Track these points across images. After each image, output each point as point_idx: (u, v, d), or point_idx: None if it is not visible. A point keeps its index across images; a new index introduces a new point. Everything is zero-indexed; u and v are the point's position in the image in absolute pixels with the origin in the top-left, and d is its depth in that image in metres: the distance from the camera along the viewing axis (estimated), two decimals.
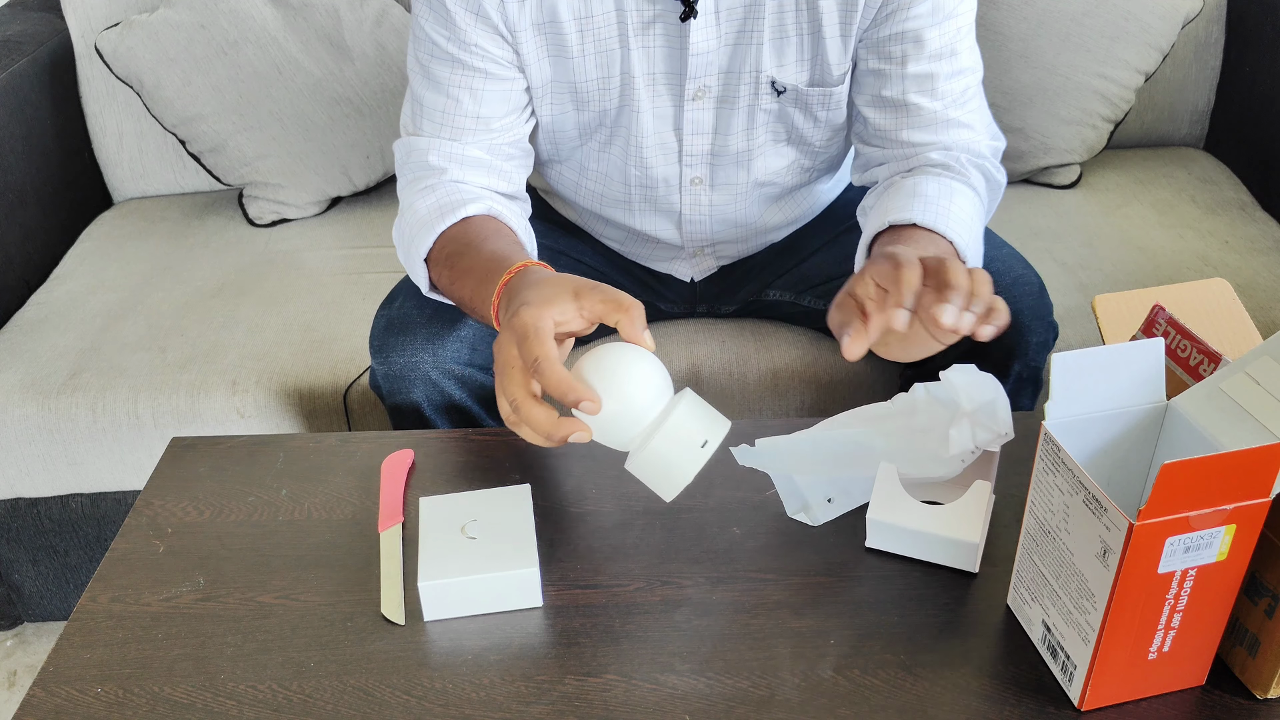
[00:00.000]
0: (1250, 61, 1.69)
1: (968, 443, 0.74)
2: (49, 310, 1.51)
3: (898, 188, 0.99)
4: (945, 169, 1.00)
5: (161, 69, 1.62)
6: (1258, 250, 1.51)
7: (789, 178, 1.14)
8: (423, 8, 0.99)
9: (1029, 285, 1.08)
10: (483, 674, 0.72)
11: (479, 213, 0.97)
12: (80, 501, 1.42)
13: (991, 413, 0.74)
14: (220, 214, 1.74)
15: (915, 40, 0.98)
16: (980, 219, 1.00)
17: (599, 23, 0.99)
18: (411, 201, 1.00)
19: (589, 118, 1.06)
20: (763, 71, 1.02)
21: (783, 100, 1.04)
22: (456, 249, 0.94)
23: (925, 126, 1.02)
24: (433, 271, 0.98)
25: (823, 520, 0.82)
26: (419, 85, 1.02)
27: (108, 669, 0.74)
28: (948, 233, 0.92)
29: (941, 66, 1.00)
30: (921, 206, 0.94)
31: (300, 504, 0.88)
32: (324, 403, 1.34)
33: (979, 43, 1.04)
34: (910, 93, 1.01)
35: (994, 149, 1.05)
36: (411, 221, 0.99)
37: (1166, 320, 0.77)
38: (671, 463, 0.73)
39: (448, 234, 0.96)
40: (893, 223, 0.94)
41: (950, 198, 0.96)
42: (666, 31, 1.00)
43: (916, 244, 0.90)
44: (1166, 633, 0.65)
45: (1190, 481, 0.58)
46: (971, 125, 1.03)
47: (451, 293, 0.96)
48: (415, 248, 0.98)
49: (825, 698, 0.69)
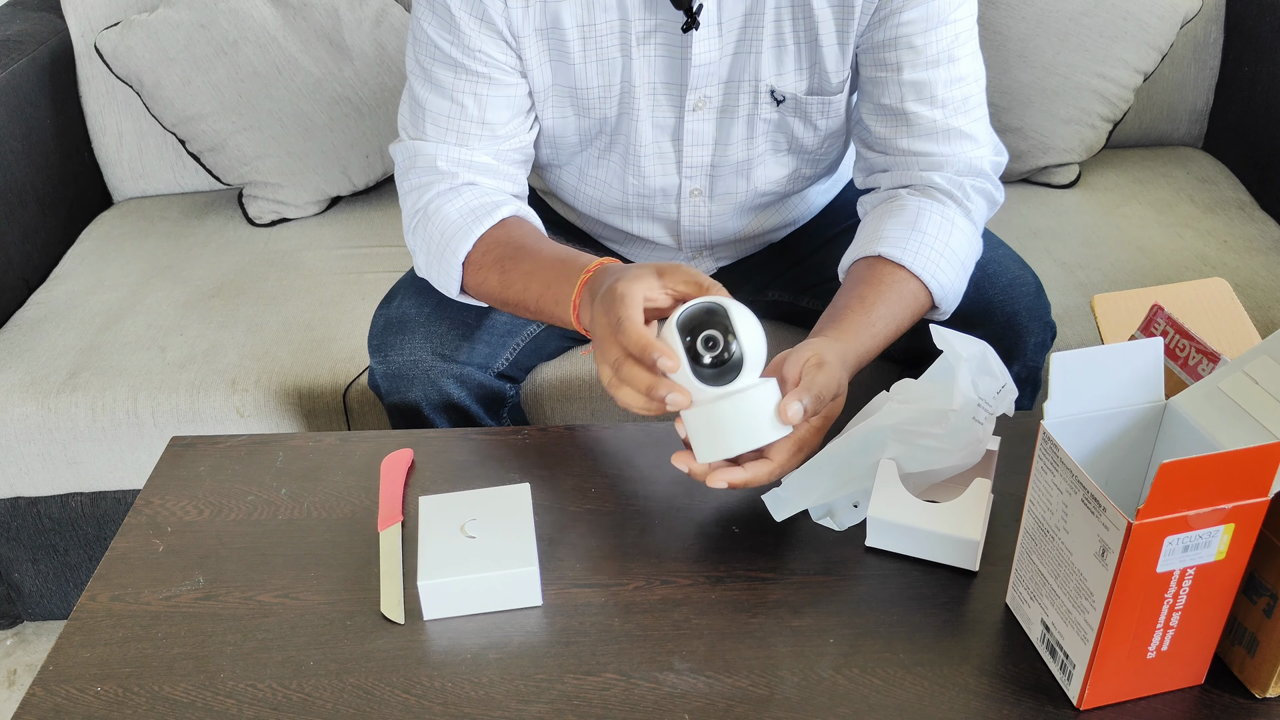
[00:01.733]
0: (1249, 61, 1.69)
1: (970, 392, 0.74)
2: (49, 310, 1.51)
3: (901, 208, 0.99)
4: (949, 197, 1.00)
5: (161, 68, 1.62)
6: (1256, 250, 1.51)
7: (789, 185, 1.14)
8: (424, 10, 0.98)
9: (1026, 286, 1.08)
10: (482, 673, 0.72)
11: (513, 214, 0.99)
12: (80, 501, 1.42)
13: (985, 364, 0.75)
14: (220, 213, 1.74)
15: (910, 46, 0.98)
16: (974, 253, 1.02)
17: (601, 31, 0.98)
18: (438, 206, 1.00)
19: (589, 124, 1.06)
20: (762, 80, 1.02)
21: (782, 109, 1.04)
22: (507, 252, 0.96)
23: (925, 136, 1.01)
24: (472, 275, 0.99)
25: (848, 525, 0.82)
26: (420, 88, 1.01)
27: (107, 668, 0.74)
28: (932, 284, 0.96)
29: (939, 74, 0.99)
30: (916, 246, 0.96)
31: (300, 503, 0.88)
32: (323, 402, 1.34)
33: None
34: (908, 100, 1.00)
35: (996, 165, 1.04)
36: (443, 226, 0.99)
37: (1165, 320, 0.77)
38: (726, 430, 0.76)
39: (489, 237, 0.97)
40: (883, 255, 0.96)
41: (948, 238, 0.97)
42: (668, 41, 0.99)
43: (893, 289, 0.94)
44: (1165, 632, 0.65)
45: (1189, 481, 0.58)
46: (975, 137, 1.02)
47: (505, 295, 0.96)
48: (451, 251, 0.98)
49: (824, 696, 0.70)
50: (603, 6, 0.97)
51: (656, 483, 0.88)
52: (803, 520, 0.84)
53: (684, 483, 0.88)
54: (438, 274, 1.01)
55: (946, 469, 0.79)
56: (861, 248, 0.99)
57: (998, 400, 0.76)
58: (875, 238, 0.97)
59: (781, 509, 0.82)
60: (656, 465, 0.90)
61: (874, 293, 0.93)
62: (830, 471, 0.81)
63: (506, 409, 1.15)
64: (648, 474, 0.89)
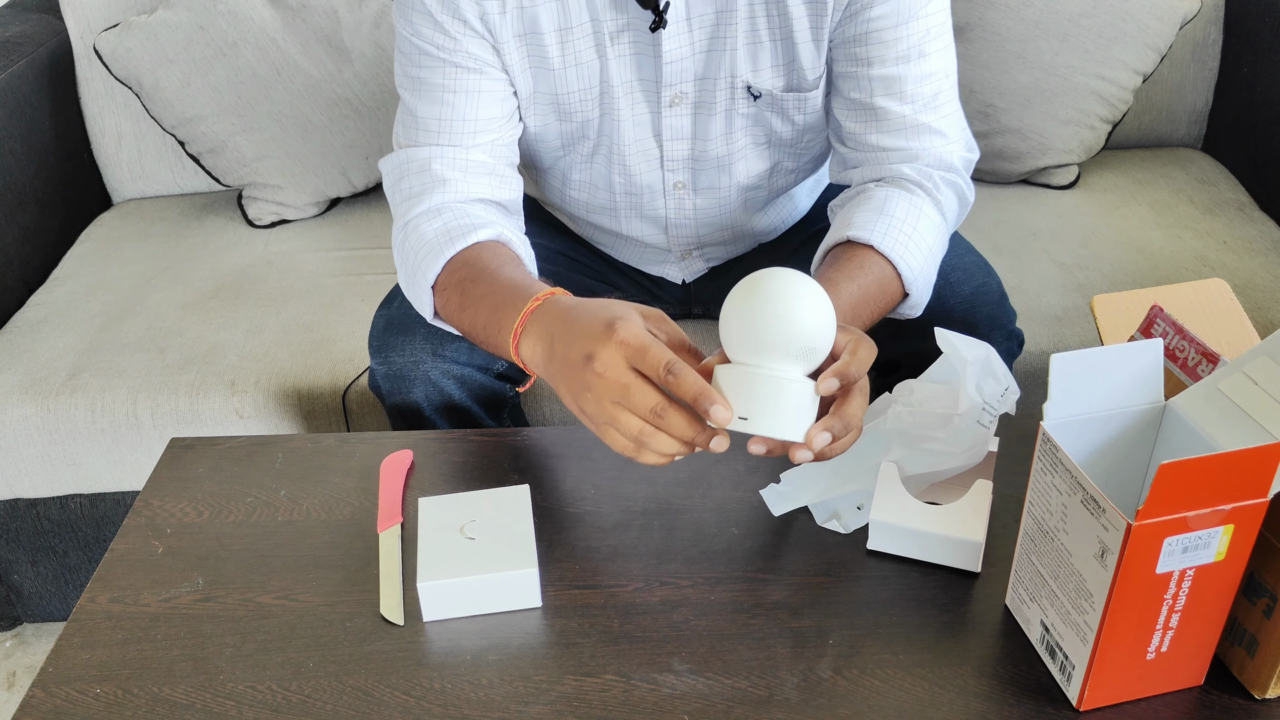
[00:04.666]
0: (1248, 62, 1.69)
1: (974, 395, 0.74)
2: (48, 311, 1.51)
3: (868, 197, 0.99)
4: (918, 186, 0.99)
5: (160, 70, 1.62)
6: (1256, 251, 1.52)
7: (772, 180, 1.14)
8: (406, 21, 0.98)
9: (989, 294, 1.08)
10: (481, 674, 0.72)
11: (489, 238, 0.95)
12: (79, 502, 1.42)
13: (988, 367, 0.75)
14: (219, 215, 1.74)
15: (879, 41, 0.98)
16: (942, 244, 1.01)
17: (577, 34, 0.98)
18: (417, 224, 0.97)
19: (572, 128, 1.06)
20: (738, 76, 1.01)
21: (759, 105, 1.04)
22: (469, 274, 0.91)
23: (895, 131, 1.01)
24: (439, 298, 0.95)
25: (854, 527, 0.82)
26: (412, 99, 1.00)
27: (107, 669, 0.74)
28: (900, 264, 0.94)
29: (909, 69, 0.99)
30: (884, 228, 0.95)
31: (299, 504, 0.88)
32: (323, 403, 1.34)
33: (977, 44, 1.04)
34: (877, 95, 1.00)
35: (967, 161, 1.04)
36: (418, 246, 0.96)
37: (1165, 321, 0.77)
38: (759, 397, 0.71)
39: (457, 259, 0.93)
40: (851, 238, 0.95)
41: (916, 222, 0.96)
42: (637, 40, 0.99)
43: (863, 269, 0.92)
44: (1165, 633, 0.65)
45: (1188, 482, 0.58)
46: (944, 133, 1.01)
47: (460, 319, 0.92)
48: (422, 274, 0.95)
49: (824, 698, 0.70)
50: (576, 9, 0.97)
51: (656, 484, 0.88)
52: (802, 521, 0.84)
53: (683, 484, 0.88)
54: (413, 295, 0.99)
55: (948, 470, 0.79)
56: (830, 238, 0.98)
57: (1001, 402, 0.76)
58: (844, 225, 0.97)
59: (780, 504, 0.82)
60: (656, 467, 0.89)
61: (842, 274, 0.92)
62: (831, 469, 0.81)
63: (507, 409, 1.15)
64: (646, 475, 0.89)
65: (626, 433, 0.73)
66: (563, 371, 0.76)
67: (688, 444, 0.73)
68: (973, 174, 1.05)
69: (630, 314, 0.75)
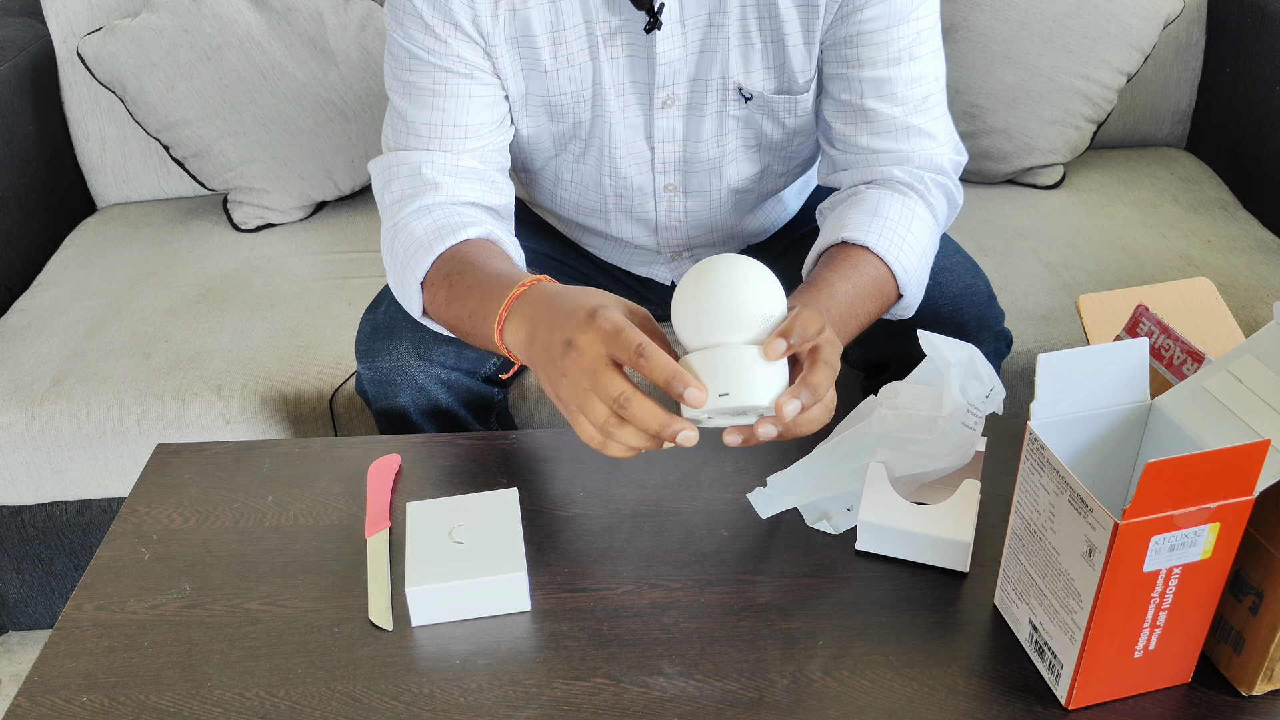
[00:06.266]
0: (1231, 62, 1.70)
1: (959, 397, 0.74)
2: (32, 317, 1.50)
3: (860, 199, 0.99)
4: (910, 189, 1.00)
5: (144, 74, 1.62)
6: (1239, 249, 1.52)
7: (762, 183, 1.14)
8: (398, 24, 0.97)
9: (977, 295, 1.08)
10: (471, 679, 0.72)
11: (479, 236, 0.95)
12: (65, 509, 1.42)
13: (972, 368, 0.75)
14: (204, 219, 1.73)
15: (870, 43, 0.98)
16: (934, 246, 1.01)
17: (570, 36, 0.98)
18: (406, 222, 0.96)
19: (563, 129, 1.05)
20: (729, 78, 1.02)
21: (750, 107, 1.04)
22: (457, 268, 0.91)
23: (885, 133, 1.01)
24: (428, 294, 0.95)
25: (844, 528, 0.82)
26: (402, 102, 1.00)
27: (93, 677, 0.73)
28: (894, 265, 0.95)
29: (899, 71, 0.99)
30: (878, 229, 0.95)
31: (287, 510, 0.87)
32: (310, 408, 1.33)
33: (963, 44, 1.04)
34: (868, 97, 1.00)
35: (955, 164, 1.04)
36: (407, 243, 0.95)
37: (1150, 320, 0.77)
38: (728, 369, 0.71)
39: (446, 255, 0.93)
40: (846, 240, 0.95)
41: (909, 223, 0.96)
42: (632, 41, 0.99)
43: (857, 269, 0.92)
44: (1152, 631, 0.65)
45: (1174, 480, 0.58)
46: (934, 135, 1.02)
47: (447, 313, 0.92)
48: (410, 271, 0.95)
49: (814, 699, 0.70)
50: (569, 10, 0.97)
51: (645, 486, 0.88)
52: (791, 523, 0.84)
53: (672, 486, 0.88)
54: (401, 293, 0.98)
55: (935, 471, 0.79)
56: (823, 240, 0.98)
57: (986, 403, 0.76)
58: (838, 227, 0.97)
59: (767, 506, 0.82)
60: (644, 469, 0.89)
61: (837, 274, 0.92)
62: (817, 471, 0.81)
63: (494, 413, 1.15)
64: (636, 478, 0.89)
65: (594, 420, 0.72)
66: (542, 356, 0.76)
67: (653, 436, 0.72)
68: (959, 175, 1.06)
69: (613, 303, 0.75)
